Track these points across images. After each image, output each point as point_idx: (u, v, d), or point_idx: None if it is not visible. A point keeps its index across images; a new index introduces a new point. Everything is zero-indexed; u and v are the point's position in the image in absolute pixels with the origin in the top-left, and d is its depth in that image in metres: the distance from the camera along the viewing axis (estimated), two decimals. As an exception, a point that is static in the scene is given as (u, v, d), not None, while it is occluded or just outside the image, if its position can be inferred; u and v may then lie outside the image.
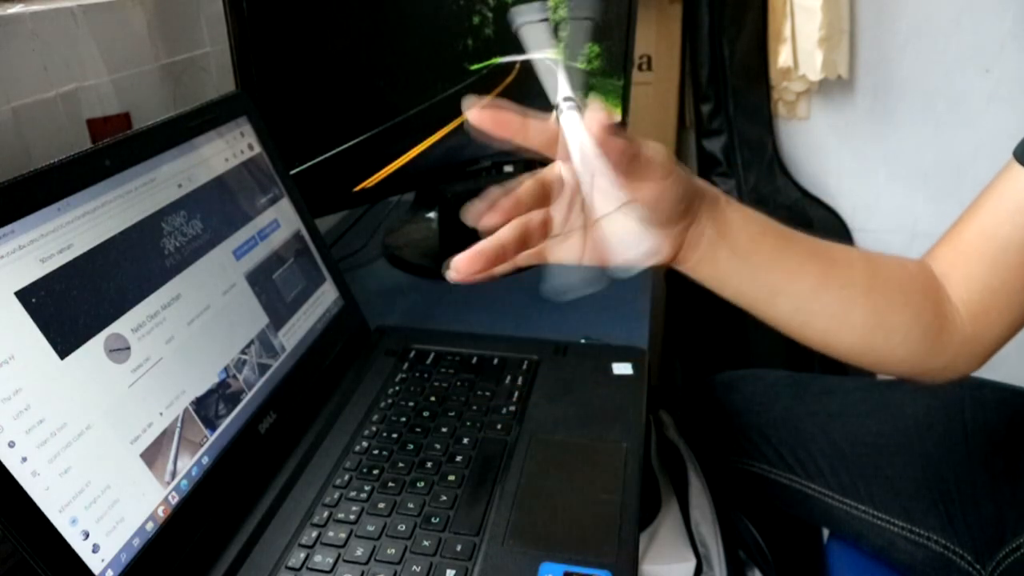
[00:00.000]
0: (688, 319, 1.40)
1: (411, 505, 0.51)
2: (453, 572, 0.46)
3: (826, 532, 0.78)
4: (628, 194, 0.43)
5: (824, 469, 0.74)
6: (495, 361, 0.67)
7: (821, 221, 1.39)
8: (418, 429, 0.59)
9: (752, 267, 0.49)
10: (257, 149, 0.64)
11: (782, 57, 1.25)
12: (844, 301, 0.50)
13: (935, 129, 1.31)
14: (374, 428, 0.59)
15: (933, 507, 0.68)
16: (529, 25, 0.49)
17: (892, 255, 0.54)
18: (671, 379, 1.48)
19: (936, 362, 0.53)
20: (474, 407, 0.61)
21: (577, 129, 0.39)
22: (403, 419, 0.60)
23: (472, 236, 0.41)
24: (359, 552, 0.48)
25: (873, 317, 0.51)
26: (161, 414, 0.48)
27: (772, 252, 0.49)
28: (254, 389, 0.56)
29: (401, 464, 0.55)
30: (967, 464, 0.68)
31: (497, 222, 0.42)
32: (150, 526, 0.45)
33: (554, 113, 0.41)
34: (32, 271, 0.42)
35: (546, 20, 0.48)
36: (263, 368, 0.58)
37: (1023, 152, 0.50)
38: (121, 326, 0.47)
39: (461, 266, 0.41)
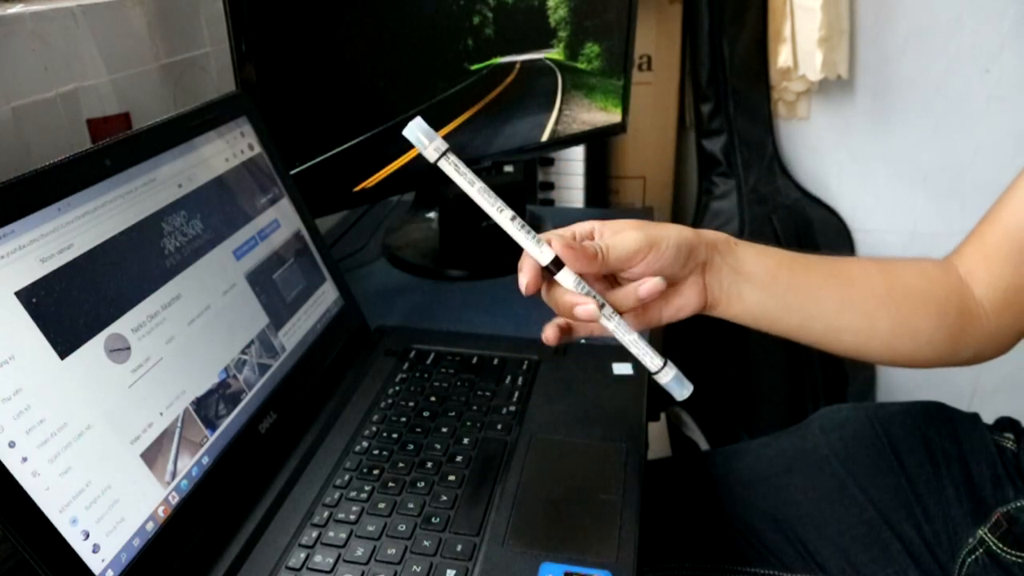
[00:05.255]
0: (688, 319, 1.40)
1: (411, 505, 0.51)
2: (453, 572, 0.46)
3: None
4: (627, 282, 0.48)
5: (774, 549, 0.67)
6: (495, 361, 0.67)
7: (821, 221, 1.39)
8: (418, 429, 0.59)
9: (776, 298, 0.51)
10: (257, 149, 0.64)
11: (782, 57, 1.25)
12: (867, 315, 0.53)
13: (935, 129, 1.31)
14: (374, 428, 0.59)
15: (885, 545, 0.64)
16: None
17: (911, 260, 0.57)
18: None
19: (963, 355, 0.56)
20: (474, 407, 0.61)
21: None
22: (403, 419, 0.60)
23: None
24: (359, 552, 0.48)
25: (897, 325, 0.54)
26: (161, 414, 0.48)
27: (791, 280, 0.51)
28: (254, 389, 0.56)
29: (401, 464, 0.55)
30: (899, 485, 0.65)
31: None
32: (150, 526, 0.45)
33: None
34: (32, 271, 0.42)
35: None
36: (263, 368, 0.58)
37: None
38: (121, 326, 0.47)
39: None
